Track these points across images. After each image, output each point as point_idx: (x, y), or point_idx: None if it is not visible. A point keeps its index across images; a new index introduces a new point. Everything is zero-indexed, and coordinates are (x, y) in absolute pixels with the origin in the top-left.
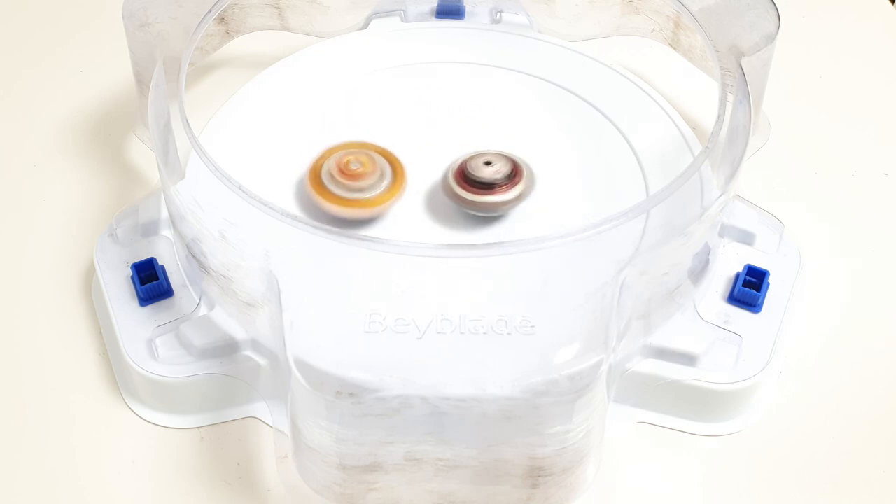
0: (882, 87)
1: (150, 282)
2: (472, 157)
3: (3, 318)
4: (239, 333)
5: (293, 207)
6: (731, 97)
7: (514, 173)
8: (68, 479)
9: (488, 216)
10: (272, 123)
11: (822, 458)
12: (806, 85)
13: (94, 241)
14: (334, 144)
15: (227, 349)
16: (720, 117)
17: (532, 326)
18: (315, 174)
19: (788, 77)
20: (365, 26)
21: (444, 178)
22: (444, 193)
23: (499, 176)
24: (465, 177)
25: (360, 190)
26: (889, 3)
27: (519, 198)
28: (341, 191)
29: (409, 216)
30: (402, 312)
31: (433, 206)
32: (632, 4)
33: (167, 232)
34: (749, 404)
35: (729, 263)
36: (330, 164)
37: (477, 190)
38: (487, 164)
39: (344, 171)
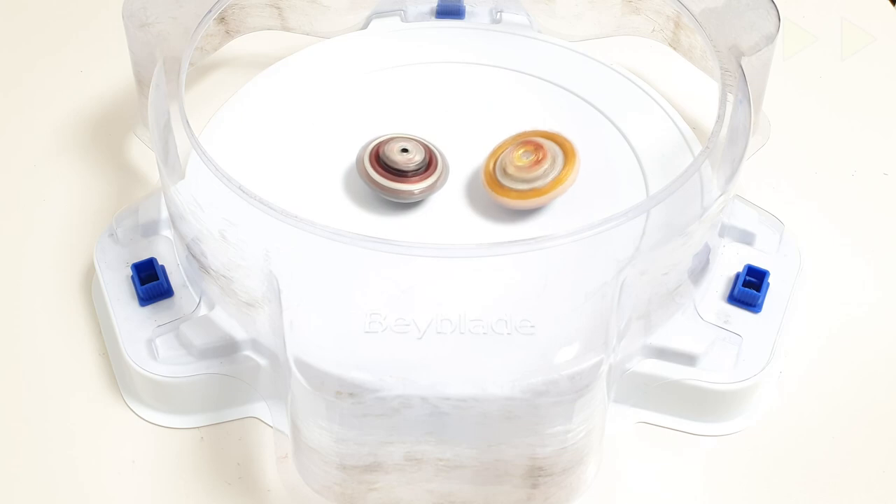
0: (882, 87)
1: (150, 282)
2: (387, 142)
3: (3, 318)
4: (239, 333)
5: (293, 207)
6: (731, 97)
7: (430, 162)
8: (68, 479)
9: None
10: (272, 123)
11: (822, 458)
12: (806, 85)
13: (94, 241)
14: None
15: (227, 349)
16: (720, 117)
17: (532, 326)
18: (489, 173)
19: (788, 77)
20: (365, 26)
21: (359, 161)
22: (359, 175)
23: (411, 165)
24: (380, 162)
25: (535, 179)
26: (889, 3)
27: (432, 187)
28: (517, 184)
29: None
30: (402, 312)
31: (433, 207)
32: (632, 4)
33: (167, 232)
34: (749, 404)
35: (729, 263)
36: (502, 161)
37: (392, 177)
38: (403, 151)
39: (517, 164)
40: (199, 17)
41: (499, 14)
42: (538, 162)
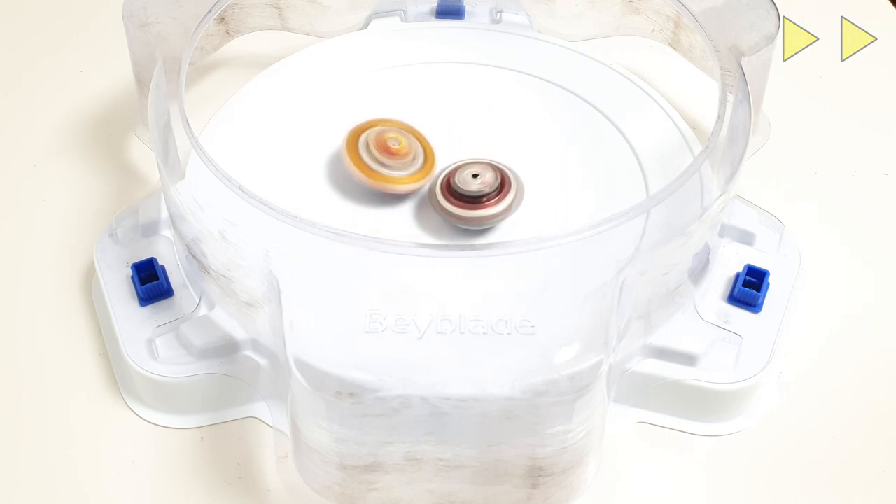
0: (882, 87)
1: (150, 282)
2: (458, 169)
3: (3, 318)
4: (239, 333)
5: (293, 207)
6: (731, 97)
7: (502, 184)
8: (68, 479)
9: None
10: (272, 123)
11: (822, 458)
12: (806, 85)
13: (94, 241)
14: (379, 118)
15: (227, 349)
16: (720, 117)
17: (532, 326)
18: (353, 140)
19: (788, 77)
20: (365, 26)
21: (431, 191)
22: (430, 206)
23: (486, 188)
24: (451, 190)
25: (392, 168)
26: (889, 3)
27: (508, 209)
28: (374, 164)
29: (411, 215)
30: (402, 312)
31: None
32: (632, 4)
33: (167, 232)
34: (749, 404)
35: (729, 263)
36: (370, 136)
37: (465, 204)
38: (475, 176)
39: (382, 148)
40: (199, 17)
41: (499, 14)
42: (399, 154)
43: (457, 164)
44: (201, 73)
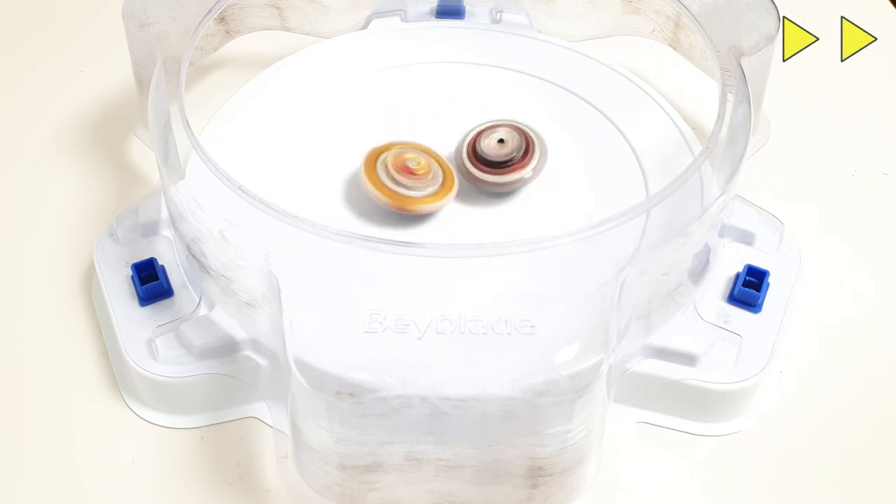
0: (882, 87)
1: (150, 282)
2: (482, 134)
3: (4, 318)
4: (239, 333)
5: (293, 207)
6: (731, 97)
7: (527, 149)
8: (68, 479)
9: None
10: (272, 123)
11: (822, 458)
12: (806, 85)
13: (94, 241)
14: (396, 141)
15: (227, 349)
16: (720, 117)
17: (532, 326)
18: (371, 161)
19: (788, 77)
20: (365, 26)
21: (458, 157)
22: (458, 172)
23: (512, 153)
24: (477, 156)
25: (411, 188)
26: (889, 3)
27: (534, 173)
28: (392, 183)
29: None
30: (402, 312)
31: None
32: (632, 4)
33: (167, 232)
34: (749, 404)
35: (729, 263)
36: (389, 157)
37: (491, 170)
38: (500, 142)
39: (400, 168)
40: (199, 17)
41: (499, 14)
42: (420, 176)
43: (480, 128)
44: (201, 73)
